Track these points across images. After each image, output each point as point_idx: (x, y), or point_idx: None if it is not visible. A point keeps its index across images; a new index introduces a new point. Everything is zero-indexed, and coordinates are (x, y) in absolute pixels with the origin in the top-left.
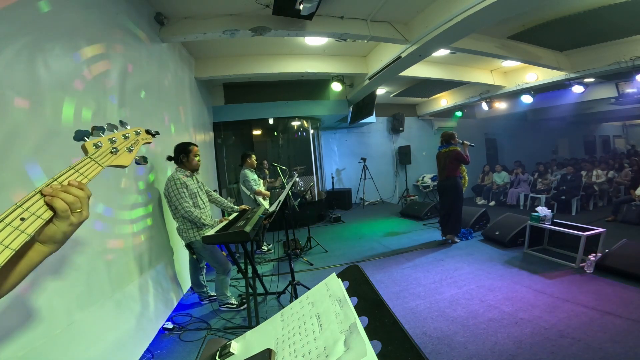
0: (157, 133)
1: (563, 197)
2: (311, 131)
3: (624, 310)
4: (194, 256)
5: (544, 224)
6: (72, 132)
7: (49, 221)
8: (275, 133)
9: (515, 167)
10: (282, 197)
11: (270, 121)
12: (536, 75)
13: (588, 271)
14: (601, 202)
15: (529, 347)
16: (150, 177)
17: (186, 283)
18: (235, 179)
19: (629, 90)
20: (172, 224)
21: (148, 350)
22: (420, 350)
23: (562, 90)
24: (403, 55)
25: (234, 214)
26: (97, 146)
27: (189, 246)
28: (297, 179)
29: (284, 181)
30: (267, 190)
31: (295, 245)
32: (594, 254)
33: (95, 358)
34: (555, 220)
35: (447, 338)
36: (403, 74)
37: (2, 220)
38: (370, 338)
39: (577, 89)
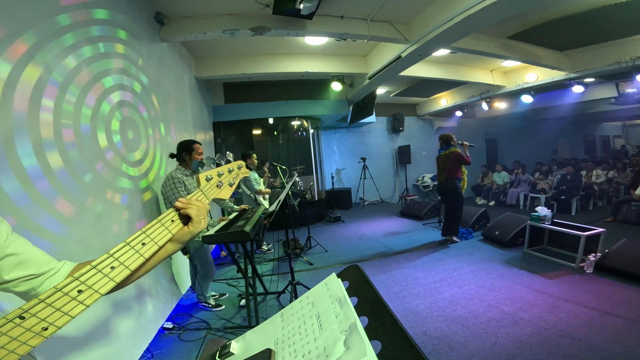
0: (255, 167)
1: (563, 197)
2: (311, 131)
3: (624, 310)
4: (186, 255)
5: (543, 223)
6: (71, 133)
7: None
8: (275, 133)
9: (515, 167)
10: (282, 197)
11: (270, 121)
12: (536, 75)
13: (588, 271)
14: (601, 202)
15: (529, 347)
16: (150, 177)
17: (186, 283)
18: None
19: (629, 90)
20: None
21: (148, 350)
22: (420, 350)
23: (562, 90)
24: (403, 55)
25: (234, 214)
26: (207, 179)
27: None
28: (297, 179)
29: (284, 181)
30: (267, 188)
31: (295, 245)
32: (593, 254)
33: (96, 358)
34: (555, 220)
35: (447, 338)
36: (403, 73)
37: (157, 222)
38: (370, 338)
39: (577, 89)
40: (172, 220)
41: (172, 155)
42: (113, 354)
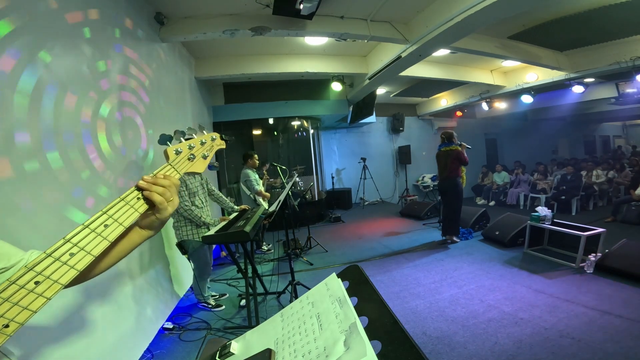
0: (232, 139)
1: (563, 197)
2: (311, 131)
3: (624, 310)
4: (185, 255)
5: (543, 224)
6: (72, 132)
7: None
8: (275, 133)
9: (516, 167)
10: (282, 197)
11: (270, 121)
12: (536, 75)
13: (588, 271)
14: (601, 202)
15: (529, 347)
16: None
17: (186, 283)
18: (235, 179)
19: (629, 90)
20: (171, 223)
21: (148, 350)
22: (420, 350)
23: (562, 90)
24: (403, 55)
25: (234, 214)
26: (177, 152)
27: (179, 245)
28: (297, 179)
29: (284, 181)
30: (266, 189)
31: (295, 245)
32: (594, 254)
33: (95, 358)
34: (555, 220)
35: (447, 338)
36: (403, 74)
37: (106, 212)
38: (370, 338)
39: (577, 89)
40: (138, 198)
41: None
42: (113, 354)
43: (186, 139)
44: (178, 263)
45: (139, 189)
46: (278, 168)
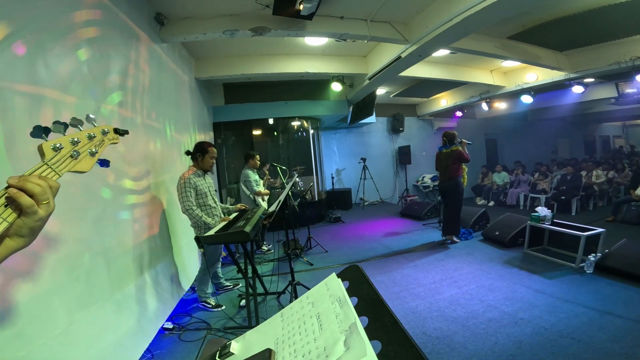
0: (127, 132)
1: (563, 197)
2: (311, 131)
3: (624, 310)
4: (201, 249)
5: (543, 224)
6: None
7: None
8: (275, 133)
9: (516, 168)
10: (282, 197)
11: (270, 121)
12: (536, 75)
13: (588, 271)
14: (601, 202)
15: (529, 347)
16: (150, 177)
17: (186, 283)
18: (235, 179)
19: (629, 90)
20: (173, 224)
21: (148, 350)
22: (420, 350)
23: (562, 90)
24: (403, 55)
25: (234, 214)
26: (56, 149)
27: (197, 239)
28: (297, 179)
29: (284, 181)
30: (267, 189)
31: (295, 245)
32: (593, 254)
33: (95, 358)
34: (555, 220)
35: (447, 338)
36: (403, 74)
37: None
38: (370, 338)
39: (577, 89)
40: (5, 205)
41: (187, 153)
42: (113, 354)
43: (68, 133)
44: (178, 263)
45: (6, 189)
46: (278, 168)
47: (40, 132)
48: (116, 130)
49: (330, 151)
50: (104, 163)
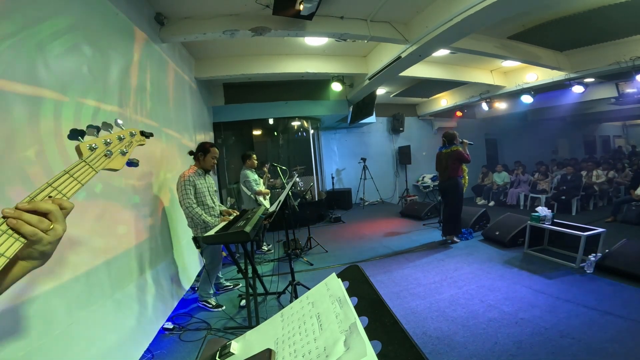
0: (152, 135)
1: (563, 197)
2: (311, 131)
3: (624, 310)
4: (199, 250)
5: (544, 224)
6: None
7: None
8: (275, 133)
9: (516, 168)
10: (282, 198)
11: (270, 121)
12: (536, 75)
13: (588, 271)
14: (601, 202)
15: (529, 347)
16: (153, 177)
17: (187, 283)
18: (235, 179)
19: (629, 90)
20: (174, 224)
21: (148, 350)
22: (420, 350)
23: (562, 90)
24: (403, 55)
25: (234, 214)
26: (91, 148)
27: (195, 239)
28: (297, 179)
29: (284, 181)
30: (267, 189)
31: (296, 245)
32: (594, 254)
33: (95, 358)
34: (555, 220)
35: (447, 338)
36: (403, 74)
37: None
38: (370, 338)
39: (577, 89)
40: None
41: (190, 152)
42: (113, 354)
43: (101, 135)
44: (179, 263)
45: (4, 217)
46: (278, 168)
47: (76, 134)
48: (142, 133)
49: (330, 151)
50: (132, 163)
